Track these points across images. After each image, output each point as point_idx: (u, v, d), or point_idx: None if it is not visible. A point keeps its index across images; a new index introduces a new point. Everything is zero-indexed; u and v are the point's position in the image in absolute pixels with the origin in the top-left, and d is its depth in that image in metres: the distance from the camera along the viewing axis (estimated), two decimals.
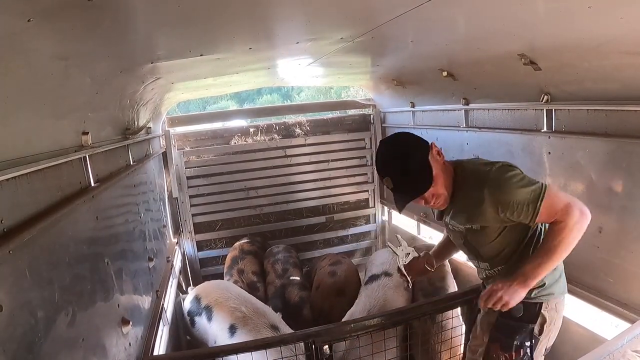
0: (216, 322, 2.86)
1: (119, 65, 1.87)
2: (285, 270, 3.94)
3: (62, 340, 1.27)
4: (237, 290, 3.16)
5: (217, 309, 2.91)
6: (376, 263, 3.48)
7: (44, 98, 1.33)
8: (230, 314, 2.82)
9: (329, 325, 2.28)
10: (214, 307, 2.94)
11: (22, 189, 1.17)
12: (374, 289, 3.09)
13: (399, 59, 3.14)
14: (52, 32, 1.18)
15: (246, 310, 2.83)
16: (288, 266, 4.00)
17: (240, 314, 2.80)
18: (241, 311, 2.82)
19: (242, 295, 3.07)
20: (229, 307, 2.88)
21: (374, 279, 3.22)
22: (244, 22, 1.69)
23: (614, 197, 2.13)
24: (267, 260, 4.16)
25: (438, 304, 2.41)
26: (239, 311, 2.82)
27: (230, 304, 2.90)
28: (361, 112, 5.13)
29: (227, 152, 4.59)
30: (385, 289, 3.08)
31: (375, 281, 3.18)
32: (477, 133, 3.18)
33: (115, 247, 1.98)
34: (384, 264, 3.38)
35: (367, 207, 5.17)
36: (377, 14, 1.78)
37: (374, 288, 3.11)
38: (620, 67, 1.84)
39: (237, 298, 2.97)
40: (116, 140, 2.27)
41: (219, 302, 2.96)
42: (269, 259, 4.14)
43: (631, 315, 2.04)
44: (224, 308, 2.89)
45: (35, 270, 1.16)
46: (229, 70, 2.85)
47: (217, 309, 2.91)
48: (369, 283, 3.23)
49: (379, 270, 3.30)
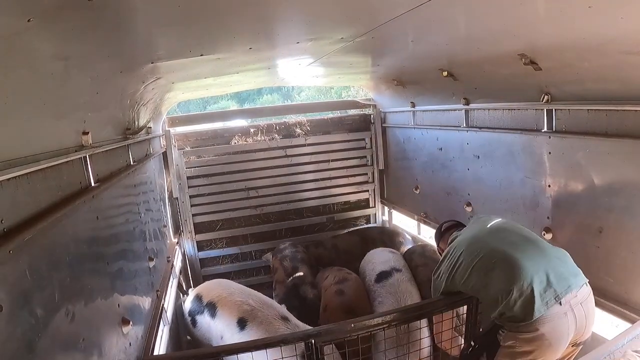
0: (221, 318, 2.84)
1: (119, 65, 1.87)
2: (295, 268, 3.87)
3: (62, 340, 1.27)
4: (240, 286, 3.15)
5: (222, 305, 2.89)
6: (377, 262, 3.48)
7: (44, 98, 1.33)
8: (237, 308, 2.81)
9: (329, 325, 2.28)
10: (217, 303, 2.93)
11: (22, 189, 1.17)
12: (394, 285, 3.15)
13: (399, 59, 3.14)
14: (52, 32, 1.18)
15: (254, 303, 2.82)
16: (297, 263, 3.93)
17: (248, 307, 2.79)
18: (249, 304, 2.81)
19: (246, 290, 3.06)
20: (235, 302, 2.86)
21: (386, 276, 3.25)
22: (244, 22, 1.69)
23: (614, 197, 2.13)
24: (274, 257, 4.14)
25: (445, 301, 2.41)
26: (247, 304, 2.81)
27: (235, 299, 2.89)
28: (361, 112, 5.13)
29: (227, 152, 4.59)
30: (404, 283, 3.16)
31: (390, 277, 3.23)
32: (478, 133, 3.18)
33: (115, 247, 1.98)
34: (388, 261, 3.42)
35: (367, 207, 5.17)
36: (377, 14, 1.78)
37: (393, 284, 3.16)
38: (620, 67, 1.84)
39: (241, 292, 2.96)
40: (116, 140, 2.27)
41: (222, 297, 2.94)
42: (277, 255, 4.12)
43: (631, 315, 2.04)
44: (229, 303, 2.87)
45: (36, 270, 1.16)
46: (229, 70, 2.86)
47: (222, 305, 2.89)
48: (382, 280, 3.24)
49: (386, 267, 3.33)
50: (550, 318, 1.84)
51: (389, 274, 3.26)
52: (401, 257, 3.62)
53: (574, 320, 1.87)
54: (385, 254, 3.60)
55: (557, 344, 1.87)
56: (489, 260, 2.03)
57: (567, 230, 2.48)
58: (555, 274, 1.90)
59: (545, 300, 1.84)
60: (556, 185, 2.51)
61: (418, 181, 4.26)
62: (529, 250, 2.00)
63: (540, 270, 1.90)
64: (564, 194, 2.47)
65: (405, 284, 3.16)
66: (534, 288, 1.85)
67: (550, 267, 1.92)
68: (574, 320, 1.87)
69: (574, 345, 1.96)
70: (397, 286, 3.13)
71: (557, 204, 2.52)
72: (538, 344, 1.85)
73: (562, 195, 2.49)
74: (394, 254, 3.63)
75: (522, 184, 2.79)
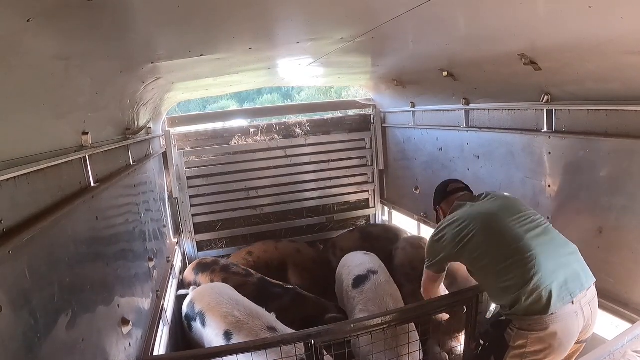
0: (210, 328, 2.80)
1: (119, 65, 1.87)
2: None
3: (61, 340, 1.27)
4: (230, 294, 3.05)
5: (210, 314, 2.84)
6: (352, 265, 3.40)
7: (44, 98, 1.33)
8: (223, 319, 2.75)
9: (329, 325, 2.28)
10: (206, 312, 2.88)
11: (22, 189, 1.17)
12: (372, 289, 3.04)
13: (399, 59, 3.14)
14: (52, 32, 1.18)
15: (239, 314, 2.75)
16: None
17: (234, 318, 2.73)
18: (234, 316, 2.74)
19: (235, 298, 2.97)
20: (221, 313, 2.79)
21: (364, 280, 3.15)
22: (244, 22, 1.69)
23: (614, 197, 2.13)
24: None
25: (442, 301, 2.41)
26: (232, 316, 2.74)
27: (222, 309, 2.82)
28: (361, 112, 5.13)
29: (227, 152, 4.59)
30: (381, 285, 3.07)
31: (367, 281, 3.12)
32: (478, 133, 3.18)
33: (115, 247, 1.98)
34: (363, 264, 3.33)
35: (367, 207, 5.17)
36: (377, 14, 1.78)
37: (370, 289, 3.05)
38: (620, 67, 1.84)
39: (228, 302, 2.88)
40: (116, 141, 2.27)
41: (211, 307, 2.89)
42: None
43: (631, 315, 2.04)
44: (216, 313, 2.82)
45: (35, 271, 1.16)
46: (229, 70, 2.85)
47: (210, 314, 2.84)
48: (360, 285, 3.13)
49: (362, 271, 3.24)
50: (563, 317, 1.82)
51: (365, 277, 3.16)
52: (376, 258, 3.53)
53: (583, 319, 1.87)
54: (360, 256, 3.52)
55: (568, 344, 1.86)
56: (508, 246, 1.97)
57: (567, 230, 2.46)
58: (571, 271, 1.89)
59: (562, 297, 1.83)
60: (556, 186, 2.51)
61: (418, 181, 4.26)
62: (548, 244, 1.97)
63: (560, 266, 1.89)
64: (564, 194, 2.47)
65: (383, 286, 3.06)
66: (553, 282, 1.83)
67: (567, 263, 1.92)
68: (583, 319, 1.87)
69: (577, 343, 1.95)
70: (375, 291, 3.02)
71: (557, 204, 2.52)
72: (550, 342, 1.83)
73: (562, 196, 2.48)
74: (368, 255, 3.55)
75: (522, 184, 2.79)
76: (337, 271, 3.63)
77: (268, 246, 4.39)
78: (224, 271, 3.68)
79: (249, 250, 4.32)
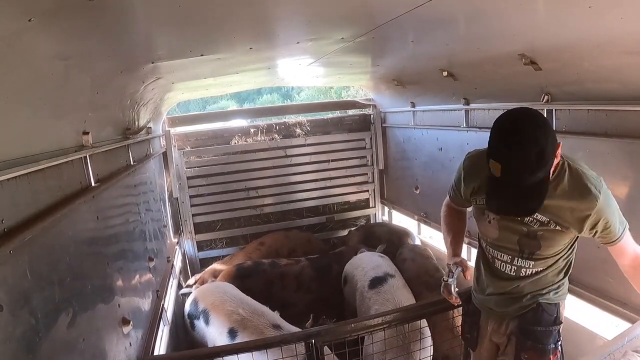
0: (214, 326, 2.82)
1: (119, 65, 1.87)
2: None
3: (62, 340, 1.27)
4: (234, 293, 3.09)
5: (214, 313, 2.86)
6: (368, 267, 3.38)
7: (44, 98, 1.33)
8: (228, 317, 2.77)
9: (330, 325, 2.28)
10: (210, 310, 2.89)
11: (22, 189, 1.17)
12: (390, 291, 3.05)
13: (399, 59, 3.14)
14: (52, 32, 1.18)
15: (244, 312, 2.78)
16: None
17: (238, 316, 2.75)
18: (238, 314, 2.77)
19: (239, 297, 3.00)
20: (226, 311, 2.82)
21: (381, 282, 3.15)
22: (245, 22, 1.69)
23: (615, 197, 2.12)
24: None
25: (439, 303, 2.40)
26: (237, 314, 2.77)
27: (227, 307, 2.84)
28: (361, 112, 5.13)
29: (227, 152, 4.59)
30: (400, 289, 3.08)
31: (385, 283, 3.12)
32: (478, 133, 3.18)
33: (115, 247, 1.98)
34: (380, 267, 3.32)
35: (367, 207, 5.17)
36: (378, 14, 1.78)
37: (388, 290, 3.06)
38: (620, 67, 1.84)
39: (232, 301, 2.90)
40: (117, 140, 2.27)
41: (215, 305, 2.91)
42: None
43: (631, 315, 2.04)
44: (221, 312, 2.84)
45: (36, 270, 1.16)
46: (230, 70, 2.85)
47: (214, 313, 2.86)
48: (377, 286, 3.13)
49: (379, 273, 3.24)
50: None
51: (383, 279, 3.16)
52: (391, 261, 3.53)
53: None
54: (375, 258, 3.50)
55: None
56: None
57: None
58: None
59: None
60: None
61: (418, 181, 4.26)
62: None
63: None
64: None
65: (401, 289, 3.08)
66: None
67: None
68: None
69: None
70: (394, 292, 3.03)
71: None
72: None
73: None
74: (384, 258, 3.54)
75: None
76: (346, 271, 3.59)
77: (278, 235, 4.53)
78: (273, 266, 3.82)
79: (261, 241, 4.41)
